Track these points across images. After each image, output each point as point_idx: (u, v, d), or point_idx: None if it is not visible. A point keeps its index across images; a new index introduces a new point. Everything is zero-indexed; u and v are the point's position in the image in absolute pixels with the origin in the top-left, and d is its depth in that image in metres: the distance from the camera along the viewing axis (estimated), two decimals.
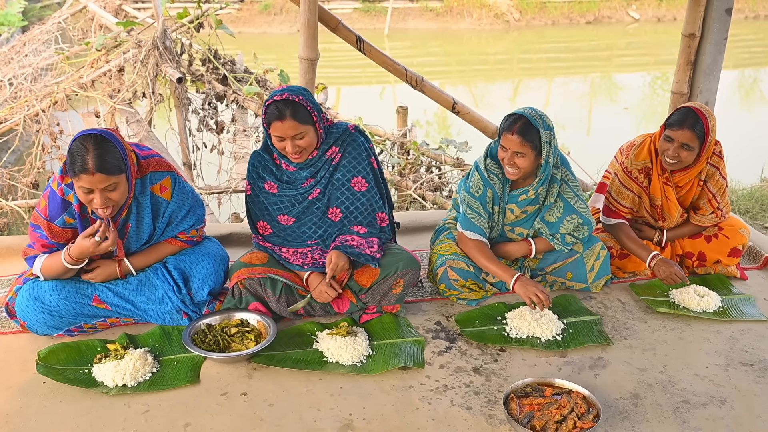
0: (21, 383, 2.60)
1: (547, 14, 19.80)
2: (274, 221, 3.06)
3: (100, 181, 2.55)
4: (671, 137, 3.16)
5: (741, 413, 2.50)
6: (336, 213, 3.02)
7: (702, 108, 3.16)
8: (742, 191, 5.57)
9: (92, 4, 9.16)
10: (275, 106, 2.81)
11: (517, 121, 2.93)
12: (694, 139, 3.12)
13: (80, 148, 2.54)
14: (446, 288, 3.17)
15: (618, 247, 3.42)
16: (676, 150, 3.16)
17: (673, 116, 3.19)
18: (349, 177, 3.00)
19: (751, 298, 3.29)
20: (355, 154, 3.01)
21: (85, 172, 2.53)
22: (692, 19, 4.34)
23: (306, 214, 3.04)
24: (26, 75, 7.02)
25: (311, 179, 3.00)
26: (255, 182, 3.05)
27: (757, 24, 20.15)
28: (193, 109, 6.48)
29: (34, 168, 5.92)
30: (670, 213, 3.39)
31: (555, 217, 3.15)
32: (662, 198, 3.35)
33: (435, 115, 10.86)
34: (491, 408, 2.50)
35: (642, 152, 3.34)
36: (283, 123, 2.80)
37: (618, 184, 3.40)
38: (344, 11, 18.58)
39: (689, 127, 3.11)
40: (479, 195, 3.12)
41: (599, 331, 2.99)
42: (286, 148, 2.87)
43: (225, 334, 2.84)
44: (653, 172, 3.32)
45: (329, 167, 3.00)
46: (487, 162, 3.11)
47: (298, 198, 3.02)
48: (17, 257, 3.60)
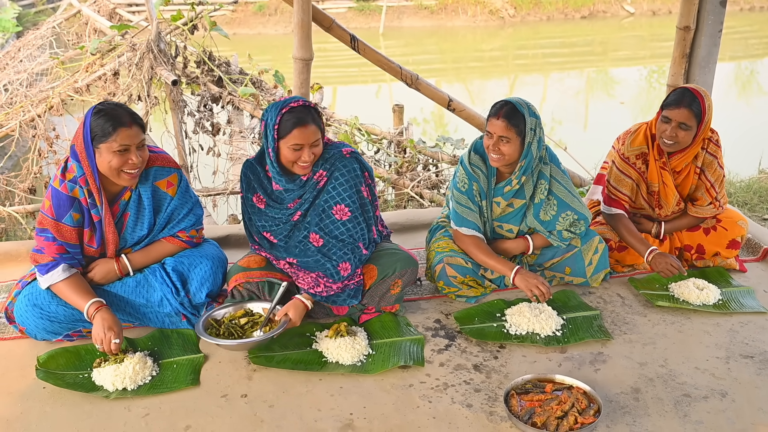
0: (21, 388, 2.60)
1: (541, 10, 19.80)
2: (262, 238, 3.03)
3: (137, 135, 2.67)
4: (668, 117, 3.18)
5: (742, 406, 2.49)
6: (317, 239, 2.95)
7: (698, 88, 3.19)
8: (740, 183, 5.57)
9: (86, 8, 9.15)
10: (295, 114, 2.75)
11: (503, 107, 2.97)
12: (692, 117, 3.14)
13: (109, 109, 2.64)
14: (445, 285, 3.17)
15: (616, 239, 3.42)
16: (674, 130, 3.18)
17: (670, 97, 3.22)
18: (332, 204, 2.90)
19: (751, 291, 3.29)
20: (342, 180, 2.89)
21: (123, 125, 2.62)
22: (687, 11, 4.33)
23: (290, 238, 2.99)
24: (21, 80, 7.00)
25: (299, 199, 2.94)
26: (246, 191, 3.02)
27: (752, 15, 20.16)
28: (188, 112, 6.47)
29: (31, 173, 5.90)
30: (666, 200, 3.39)
31: (550, 215, 3.15)
32: (659, 183, 3.37)
33: (431, 113, 10.84)
34: (492, 405, 2.50)
35: (638, 137, 3.37)
36: (306, 128, 2.75)
37: (616, 171, 3.41)
38: (339, 11, 18.57)
39: (686, 105, 3.14)
40: (466, 189, 3.13)
41: (599, 326, 2.99)
42: (302, 157, 2.78)
43: (236, 326, 2.83)
44: (650, 157, 3.34)
45: (313, 190, 2.92)
46: (471, 156, 3.14)
47: (282, 219, 2.97)
48: (16, 263, 3.60)
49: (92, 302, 2.68)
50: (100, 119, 2.62)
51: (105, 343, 2.59)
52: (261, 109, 6.53)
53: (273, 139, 2.80)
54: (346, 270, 2.89)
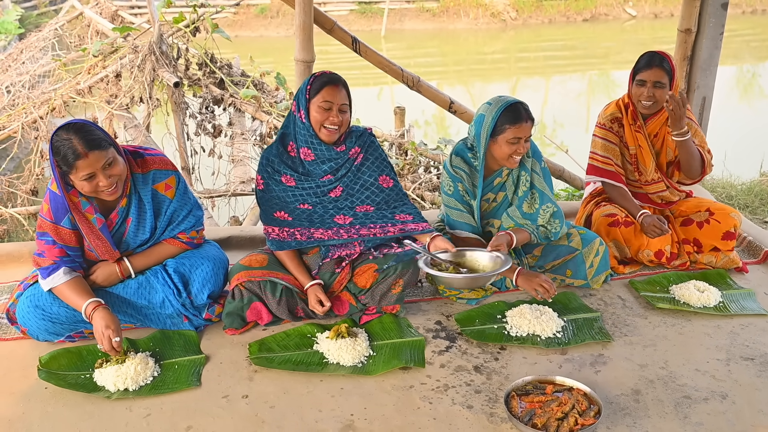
0: (23, 389, 2.61)
1: (543, 12, 19.83)
2: (294, 209, 3.04)
3: (97, 159, 2.56)
4: (643, 80, 3.42)
5: (742, 408, 2.49)
6: (367, 209, 3.07)
7: (662, 51, 3.45)
8: (742, 186, 5.56)
9: (88, 10, 9.18)
10: (326, 76, 2.90)
11: (525, 109, 3.08)
12: (664, 75, 3.39)
13: (63, 140, 2.54)
14: (445, 288, 3.17)
15: (623, 214, 3.51)
16: (650, 90, 3.41)
17: (640, 62, 3.45)
18: (376, 176, 3.07)
19: (752, 293, 3.29)
20: (376, 155, 3.10)
21: (79, 157, 2.53)
22: (688, 14, 4.34)
23: (323, 205, 3.04)
24: (24, 82, 7.02)
25: (330, 175, 3.02)
26: (270, 176, 3.03)
27: (754, 19, 20.18)
28: (190, 114, 6.49)
29: (33, 175, 5.92)
30: (644, 163, 3.57)
31: (533, 208, 3.22)
32: (635, 147, 3.56)
33: (433, 115, 10.86)
34: (492, 406, 2.50)
35: (610, 107, 3.64)
36: (336, 87, 2.89)
37: (600, 140, 3.63)
38: (340, 13, 18.61)
39: (657, 64, 3.38)
40: (452, 192, 3.20)
41: (599, 328, 2.99)
42: (330, 117, 2.89)
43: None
44: (624, 121, 3.55)
45: (351, 166, 3.03)
46: (452, 159, 3.24)
47: (317, 192, 3.03)
48: (18, 264, 3.61)
49: (89, 302, 2.68)
50: (57, 153, 2.56)
51: (104, 341, 2.59)
52: (263, 112, 6.54)
53: (305, 100, 2.91)
54: (406, 218, 3.09)
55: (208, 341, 2.92)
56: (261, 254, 3.05)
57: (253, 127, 6.89)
